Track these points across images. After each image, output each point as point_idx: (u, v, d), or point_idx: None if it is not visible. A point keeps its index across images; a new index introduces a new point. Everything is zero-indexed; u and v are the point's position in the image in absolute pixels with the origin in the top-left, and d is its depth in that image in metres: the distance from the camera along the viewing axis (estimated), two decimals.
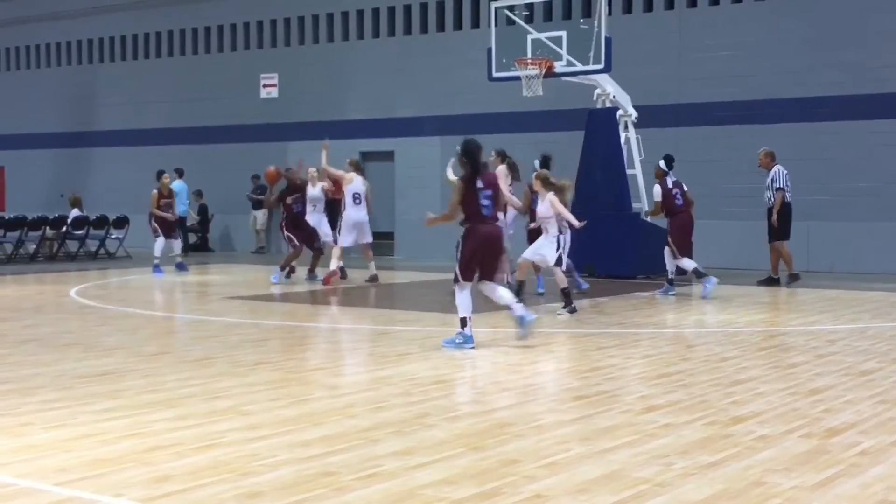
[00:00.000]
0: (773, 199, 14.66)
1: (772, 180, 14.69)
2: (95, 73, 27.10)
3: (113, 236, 21.37)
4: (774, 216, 14.57)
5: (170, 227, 17.31)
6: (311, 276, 15.47)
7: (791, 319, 11.40)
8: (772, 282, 14.87)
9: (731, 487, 4.52)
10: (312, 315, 11.27)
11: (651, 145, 17.42)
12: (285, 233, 15.63)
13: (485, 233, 8.68)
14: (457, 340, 8.73)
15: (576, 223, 11.41)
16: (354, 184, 15.02)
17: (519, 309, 8.81)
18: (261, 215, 23.28)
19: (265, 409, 6.24)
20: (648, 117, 17.42)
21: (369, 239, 15.39)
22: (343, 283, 15.02)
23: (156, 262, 17.06)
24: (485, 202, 8.67)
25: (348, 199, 14.95)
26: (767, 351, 8.72)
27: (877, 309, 12.00)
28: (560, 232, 11.43)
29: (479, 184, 8.69)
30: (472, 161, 8.77)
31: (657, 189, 13.57)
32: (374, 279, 15.19)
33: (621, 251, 15.83)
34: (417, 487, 4.47)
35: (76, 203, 21.43)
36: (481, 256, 8.67)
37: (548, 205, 11.32)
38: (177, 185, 20.23)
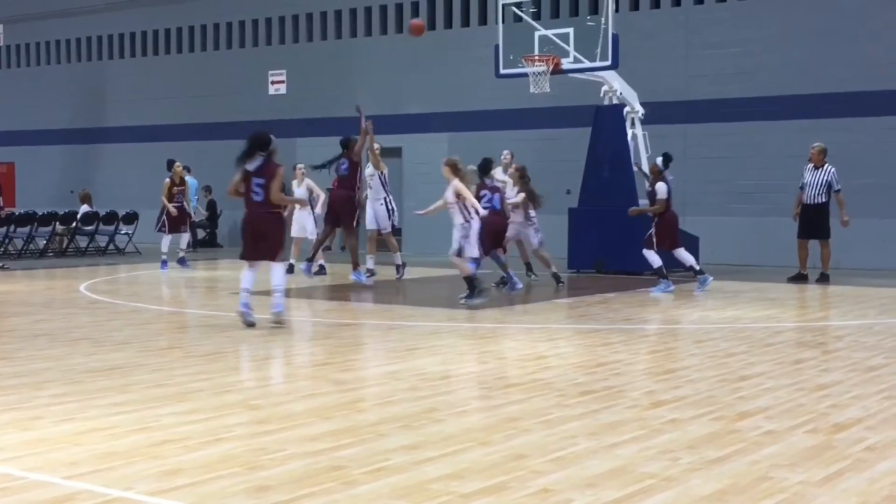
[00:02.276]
0: (820, 197, 14.59)
1: (827, 181, 14.62)
2: (105, 70, 27.15)
3: (122, 232, 21.41)
4: (846, 217, 14.52)
5: (179, 220, 17.10)
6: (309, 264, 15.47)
7: (798, 315, 11.38)
8: (801, 278, 14.79)
9: (737, 482, 4.51)
10: (321, 311, 11.28)
11: (658, 142, 17.41)
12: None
13: (248, 217, 9.76)
14: None
15: (481, 210, 11.39)
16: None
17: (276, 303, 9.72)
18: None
19: (274, 403, 6.25)
20: (655, 114, 17.40)
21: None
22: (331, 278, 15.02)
23: (163, 257, 17.04)
24: (256, 189, 9.63)
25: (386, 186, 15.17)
26: (774, 347, 8.71)
27: (884, 305, 11.97)
28: (465, 220, 11.41)
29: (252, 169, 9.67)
30: (246, 149, 9.73)
31: (662, 187, 13.47)
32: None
33: (628, 247, 15.79)
34: (425, 481, 4.48)
35: (86, 199, 21.49)
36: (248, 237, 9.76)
37: (452, 192, 11.27)
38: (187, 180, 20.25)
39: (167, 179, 17.07)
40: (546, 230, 18.35)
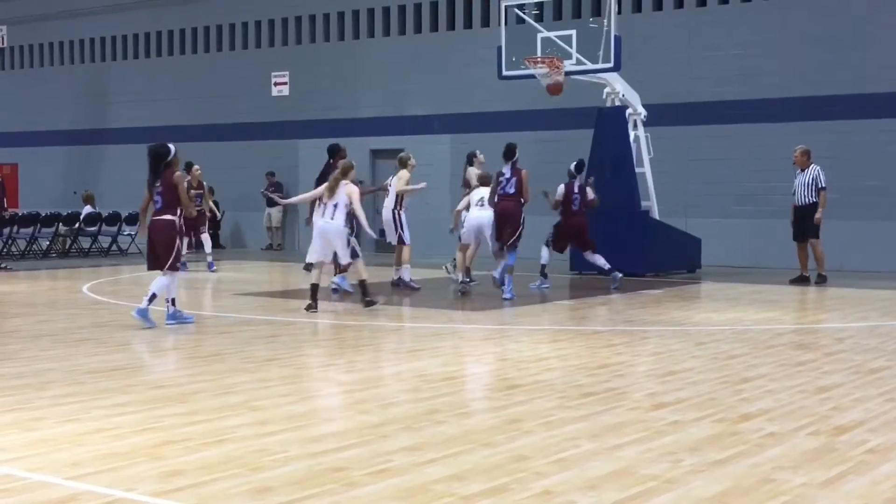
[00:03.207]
0: (810, 197, 14.64)
1: (813, 179, 14.67)
2: (108, 71, 27.16)
3: (125, 233, 21.41)
4: (820, 214, 14.56)
5: (198, 223, 16.82)
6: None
7: (799, 317, 11.36)
8: (803, 280, 14.78)
9: (739, 484, 4.51)
10: (323, 312, 11.28)
11: (660, 144, 17.41)
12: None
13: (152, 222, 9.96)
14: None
15: (363, 224, 11.28)
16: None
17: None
18: (276, 213, 23.28)
19: (276, 404, 6.24)
20: (658, 116, 17.39)
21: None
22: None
23: (210, 258, 17.14)
24: (157, 197, 9.90)
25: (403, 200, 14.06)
26: (776, 349, 8.70)
27: (885, 307, 11.96)
28: (349, 226, 11.43)
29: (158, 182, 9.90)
30: (150, 165, 9.92)
31: (560, 189, 14.18)
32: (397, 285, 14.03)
33: (630, 249, 15.80)
34: (427, 483, 4.48)
35: (89, 200, 21.50)
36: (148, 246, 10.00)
37: (345, 195, 11.13)
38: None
39: (184, 183, 16.75)
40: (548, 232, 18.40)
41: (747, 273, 16.58)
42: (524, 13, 17.10)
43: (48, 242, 20.72)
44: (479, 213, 13.44)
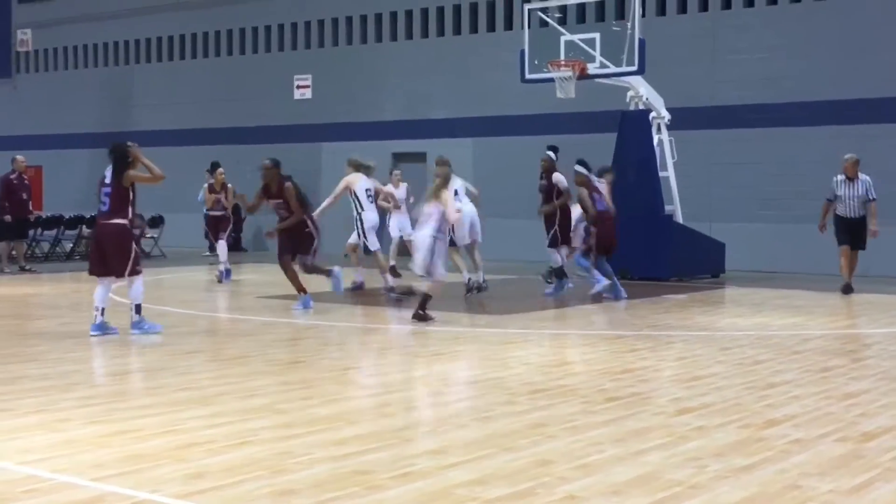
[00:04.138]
0: (861, 210, 14.17)
1: (866, 190, 14.20)
2: (132, 74, 27.33)
3: (148, 235, 21.54)
4: (875, 226, 14.12)
5: (218, 227, 16.15)
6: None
7: (826, 323, 11.28)
8: (849, 289, 14.32)
9: (765, 490, 4.48)
10: (346, 315, 11.30)
11: (684, 147, 17.34)
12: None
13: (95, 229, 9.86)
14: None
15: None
16: (361, 183, 13.38)
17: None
18: None
19: (299, 407, 6.26)
20: (681, 119, 17.32)
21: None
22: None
23: (221, 266, 15.69)
24: (104, 199, 9.66)
25: (363, 200, 13.29)
26: (802, 354, 8.64)
27: None
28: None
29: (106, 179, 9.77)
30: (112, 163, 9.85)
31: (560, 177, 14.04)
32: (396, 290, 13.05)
33: (654, 253, 15.75)
34: (451, 487, 4.47)
35: None
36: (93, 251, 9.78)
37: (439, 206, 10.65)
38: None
39: (205, 185, 16.77)
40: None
41: (772, 278, 16.48)
42: (547, 16, 17.08)
43: (71, 244, 20.86)
44: (466, 206, 12.75)
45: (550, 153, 14.33)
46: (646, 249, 15.67)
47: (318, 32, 23.99)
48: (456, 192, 12.17)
